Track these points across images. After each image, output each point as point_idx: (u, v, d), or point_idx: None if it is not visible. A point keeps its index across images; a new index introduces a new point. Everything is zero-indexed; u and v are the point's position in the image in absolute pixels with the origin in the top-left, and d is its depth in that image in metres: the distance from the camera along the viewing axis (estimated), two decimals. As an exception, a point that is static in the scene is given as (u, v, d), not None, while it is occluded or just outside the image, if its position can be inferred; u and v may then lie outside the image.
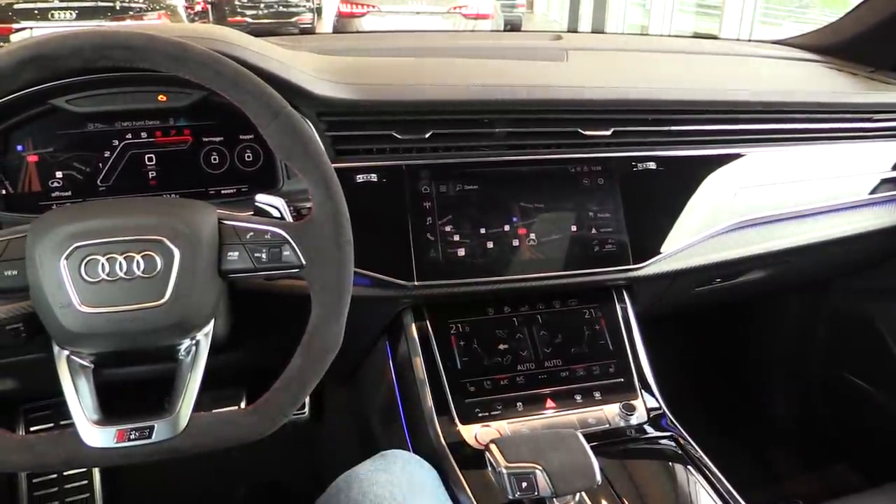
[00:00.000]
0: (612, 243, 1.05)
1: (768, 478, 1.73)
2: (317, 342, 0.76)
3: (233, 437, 0.75)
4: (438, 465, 0.90)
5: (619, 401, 1.01)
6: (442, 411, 0.96)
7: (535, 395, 1.00)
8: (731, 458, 1.69)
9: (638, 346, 1.07)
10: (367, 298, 0.98)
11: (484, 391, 0.99)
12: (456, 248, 0.99)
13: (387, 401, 1.05)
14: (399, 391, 1.02)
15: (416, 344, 1.00)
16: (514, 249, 1.01)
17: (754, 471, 1.73)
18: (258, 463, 1.62)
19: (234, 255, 0.77)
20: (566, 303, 1.08)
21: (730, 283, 1.26)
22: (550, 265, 1.02)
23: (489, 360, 1.01)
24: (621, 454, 0.93)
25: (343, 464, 0.90)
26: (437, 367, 0.99)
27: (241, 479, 1.61)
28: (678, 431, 0.97)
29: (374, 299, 0.98)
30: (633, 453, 0.94)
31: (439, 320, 1.02)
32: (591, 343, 1.05)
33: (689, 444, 0.95)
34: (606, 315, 1.08)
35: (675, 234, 1.08)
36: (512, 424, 0.96)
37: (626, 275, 1.05)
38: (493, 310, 1.05)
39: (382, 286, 0.97)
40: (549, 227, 1.03)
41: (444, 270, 0.98)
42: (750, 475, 1.67)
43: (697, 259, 1.11)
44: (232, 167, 0.99)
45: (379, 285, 0.97)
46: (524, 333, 1.04)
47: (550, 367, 1.02)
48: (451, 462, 0.89)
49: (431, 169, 1.00)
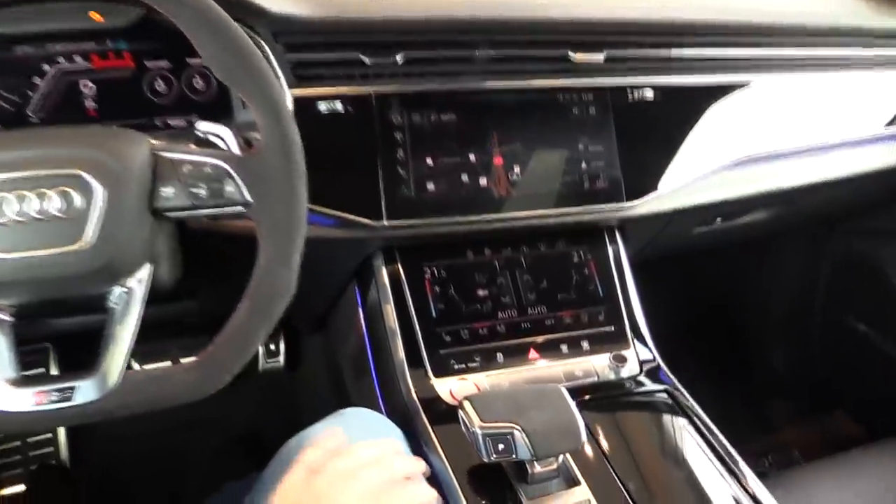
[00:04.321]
0: (604, 179, 0.95)
1: (764, 427, 1.67)
2: (265, 288, 0.67)
3: (169, 396, 0.66)
4: (410, 423, 0.82)
5: (608, 351, 0.92)
6: (414, 364, 0.88)
7: (517, 346, 0.92)
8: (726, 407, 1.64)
9: (630, 291, 0.98)
10: (331, 240, 0.88)
11: (461, 341, 0.90)
12: (430, 185, 0.90)
13: (357, 352, 0.97)
14: (369, 342, 0.94)
15: (386, 290, 0.91)
16: (495, 185, 0.91)
17: (749, 420, 1.67)
18: (233, 414, 1.56)
19: (168, 191, 0.67)
20: (552, 244, 0.99)
21: (731, 223, 1.17)
22: (536, 203, 0.93)
23: (467, 307, 0.92)
24: (610, 410, 0.85)
25: (323, 414, 0.84)
26: (410, 315, 0.90)
27: (214, 431, 1.54)
28: (672, 384, 0.89)
29: (340, 241, 0.89)
30: (624, 408, 0.86)
31: (412, 264, 0.93)
32: (579, 288, 0.97)
33: (684, 398, 0.87)
34: (596, 257, 0.99)
35: (672, 169, 0.99)
36: (491, 378, 0.88)
37: (619, 213, 0.96)
38: (472, 252, 0.96)
39: (348, 226, 0.87)
40: (534, 162, 0.93)
41: (417, 209, 0.89)
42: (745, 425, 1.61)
43: (697, 197, 1.02)
44: (181, 95, 0.88)
45: (345, 225, 0.87)
46: (506, 278, 0.95)
47: (534, 315, 0.94)
48: (422, 420, 0.81)
49: (404, 97, 0.90)
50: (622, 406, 0.86)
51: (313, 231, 0.86)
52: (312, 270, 0.99)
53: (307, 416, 1.46)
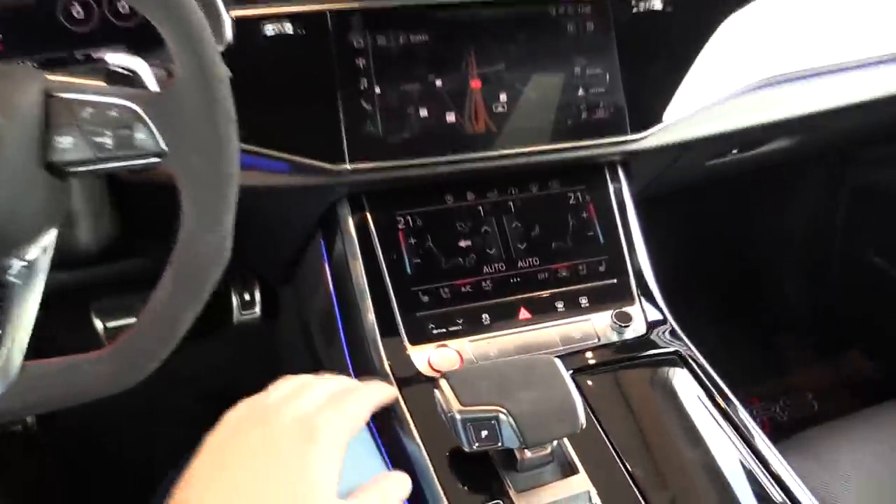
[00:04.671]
0: (605, 108, 0.81)
1: (776, 368, 1.57)
2: (190, 258, 0.54)
3: (81, 391, 0.54)
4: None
5: (611, 308, 0.80)
6: (387, 329, 0.76)
7: (506, 305, 0.79)
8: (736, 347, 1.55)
9: (635, 237, 0.86)
10: (286, 189, 0.76)
11: (440, 301, 0.78)
12: (400, 119, 0.76)
13: (325, 312, 0.85)
14: (337, 302, 0.82)
15: (353, 243, 0.79)
16: (477, 118, 0.78)
17: (761, 361, 1.58)
18: (207, 370, 1.46)
19: (65, 141, 0.53)
20: (546, 185, 0.86)
21: (748, 153, 1.04)
22: (525, 138, 0.80)
23: (447, 261, 0.80)
24: (612, 380, 0.74)
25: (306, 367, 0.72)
26: (381, 271, 0.78)
27: (188, 389, 1.44)
28: (686, 347, 0.78)
29: (296, 190, 0.76)
30: (628, 378, 0.75)
31: (383, 212, 0.80)
32: (576, 235, 0.84)
33: (697, 363, 0.76)
34: (596, 199, 0.86)
35: (684, 94, 0.85)
36: (476, 344, 0.76)
37: (623, 148, 0.83)
38: (453, 197, 0.83)
39: (305, 172, 0.74)
40: (522, 90, 0.79)
41: (386, 148, 0.76)
42: (756, 365, 1.52)
43: (712, 126, 0.88)
44: (103, 23, 0.74)
45: (300, 171, 0.74)
46: (492, 226, 0.82)
47: (525, 269, 0.82)
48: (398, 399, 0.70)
49: (366, 14, 0.76)
50: (626, 375, 0.75)
51: (262, 179, 0.74)
52: (267, 224, 0.87)
53: (288, 369, 1.34)
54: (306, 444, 0.47)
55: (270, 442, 0.48)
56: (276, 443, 0.48)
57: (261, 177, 0.74)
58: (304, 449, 0.47)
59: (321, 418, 0.49)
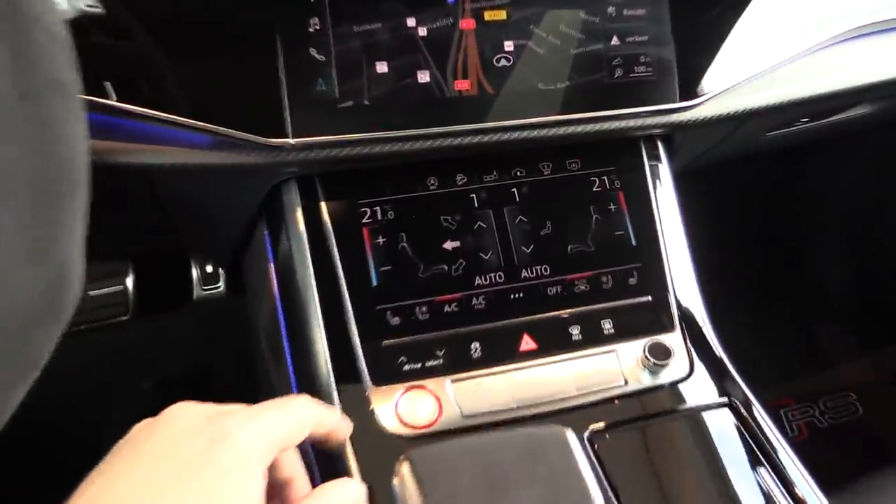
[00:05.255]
0: (648, 65, 0.60)
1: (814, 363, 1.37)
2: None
3: None
4: (334, 465, 0.52)
5: (643, 337, 0.60)
6: (342, 363, 0.56)
7: (504, 331, 0.59)
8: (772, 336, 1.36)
9: (678, 236, 0.65)
10: (210, 169, 0.55)
11: (416, 325, 0.58)
12: (363, 75, 0.55)
13: (272, 323, 0.65)
14: (284, 318, 0.62)
15: (301, 241, 0.59)
16: (468, 73, 0.57)
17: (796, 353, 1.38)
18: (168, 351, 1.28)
19: None
20: (562, 166, 0.65)
21: (819, 123, 0.82)
22: (535, 103, 0.58)
23: (427, 269, 0.60)
24: (642, 446, 0.54)
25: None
26: (337, 281, 0.58)
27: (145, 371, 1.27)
28: (741, 395, 0.58)
29: (224, 170, 0.55)
30: (665, 444, 0.55)
31: (342, 200, 0.60)
32: (600, 235, 0.63)
33: (757, 422, 0.56)
34: (628, 186, 0.65)
35: (751, 49, 0.63)
36: (461, 384, 0.56)
37: (670, 118, 0.61)
38: (437, 181, 0.62)
39: (232, 148, 0.54)
40: (533, 32, 0.58)
41: (343, 116, 0.55)
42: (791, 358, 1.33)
43: (782, 91, 0.66)
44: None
45: (225, 147, 0.54)
46: (489, 221, 0.62)
47: (531, 280, 0.61)
48: (348, 464, 0.51)
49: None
50: (662, 439, 0.55)
51: (171, 156, 0.54)
52: (195, 209, 0.67)
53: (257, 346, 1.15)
54: (216, 444, 0.38)
55: (174, 444, 0.39)
56: (179, 445, 0.39)
57: (170, 153, 0.54)
58: (213, 451, 0.38)
59: (232, 420, 0.39)
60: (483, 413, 0.55)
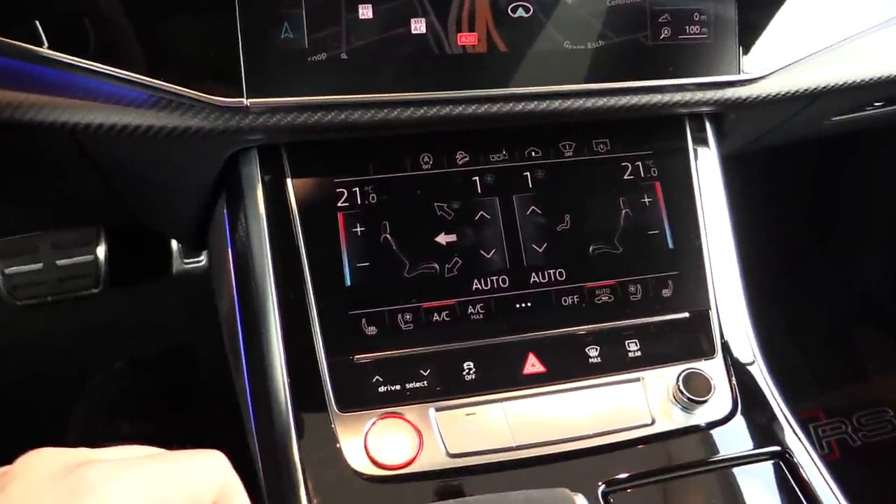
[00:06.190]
0: (703, 25, 0.48)
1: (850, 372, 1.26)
2: None
3: None
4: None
5: (675, 363, 0.49)
6: (303, 382, 0.45)
7: (505, 348, 0.48)
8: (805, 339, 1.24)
9: (726, 240, 0.53)
10: (154, 131, 0.44)
11: (396, 335, 0.47)
12: (339, 21, 0.43)
13: (230, 322, 0.55)
14: (240, 316, 0.51)
15: (259, 225, 0.48)
16: (476, 26, 0.45)
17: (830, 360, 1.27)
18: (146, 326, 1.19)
19: None
20: (588, 147, 0.53)
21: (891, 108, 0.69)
22: (561, 66, 0.46)
23: (415, 266, 0.48)
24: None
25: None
26: (301, 276, 0.47)
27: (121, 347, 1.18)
28: (797, 446, 0.46)
29: (169, 133, 0.44)
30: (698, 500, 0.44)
31: (313, 176, 0.49)
32: (630, 235, 0.52)
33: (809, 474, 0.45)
34: (667, 174, 0.54)
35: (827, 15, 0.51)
36: (447, 414, 0.45)
37: (726, 93, 0.50)
38: (431, 158, 0.50)
39: (176, 108, 0.43)
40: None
41: (314, 73, 0.43)
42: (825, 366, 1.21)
43: (868, 65, 0.54)
44: None
45: (168, 106, 0.42)
46: (494, 211, 0.50)
47: (542, 286, 0.50)
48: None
49: None
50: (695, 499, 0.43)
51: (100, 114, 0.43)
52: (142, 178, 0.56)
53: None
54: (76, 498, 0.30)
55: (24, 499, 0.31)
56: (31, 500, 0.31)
57: (108, 111, 0.43)
58: None
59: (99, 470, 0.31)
60: (473, 453, 0.44)
